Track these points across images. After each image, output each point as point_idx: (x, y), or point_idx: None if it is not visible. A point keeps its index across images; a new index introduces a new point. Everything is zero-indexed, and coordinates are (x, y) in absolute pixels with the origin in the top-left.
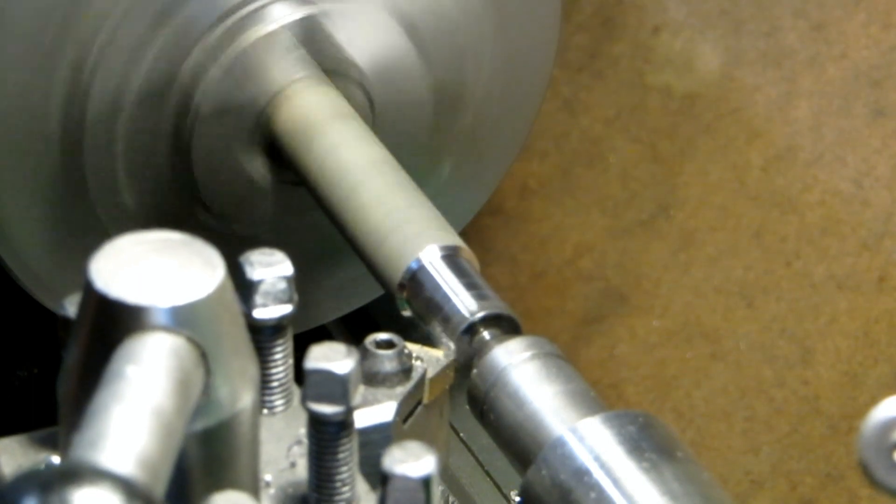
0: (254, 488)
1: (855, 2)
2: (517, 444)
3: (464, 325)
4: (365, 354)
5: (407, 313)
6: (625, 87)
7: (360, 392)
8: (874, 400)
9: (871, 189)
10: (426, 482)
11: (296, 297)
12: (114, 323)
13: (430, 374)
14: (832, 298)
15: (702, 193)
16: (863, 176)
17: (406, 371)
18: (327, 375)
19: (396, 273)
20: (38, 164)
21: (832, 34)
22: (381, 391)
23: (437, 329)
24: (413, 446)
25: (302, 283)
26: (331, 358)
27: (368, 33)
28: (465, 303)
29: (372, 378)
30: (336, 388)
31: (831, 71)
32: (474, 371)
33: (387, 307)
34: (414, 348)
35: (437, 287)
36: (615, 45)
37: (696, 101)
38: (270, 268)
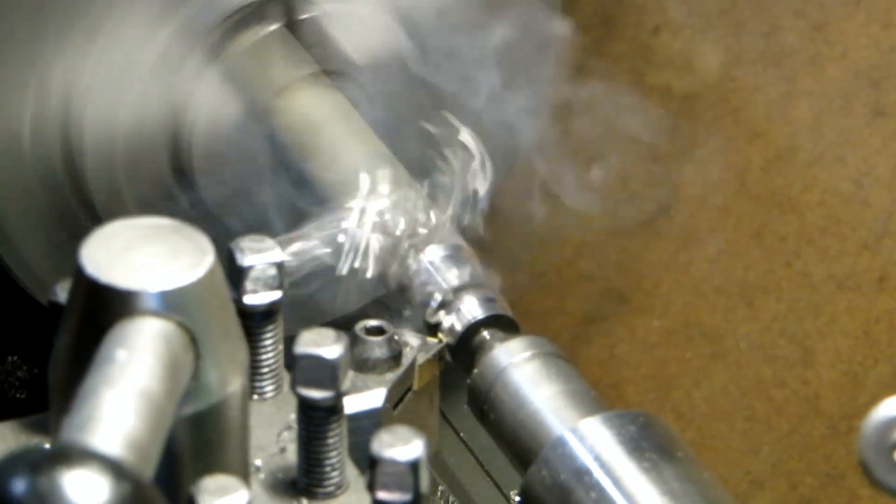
0: (243, 473)
1: (855, 2)
2: (517, 443)
3: (464, 326)
4: (355, 341)
5: (408, 313)
6: (625, 87)
7: (349, 377)
8: (874, 400)
9: (871, 189)
10: (414, 466)
11: (286, 283)
12: (104, 308)
13: (419, 360)
14: (832, 298)
15: (702, 193)
16: (863, 176)
17: (396, 357)
18: (316, 360)
19: (398, 272)
20: (39, 172)
21: (832, 34)
22: (370, 377)
23: (436, 329)
24: (402, 430)
25: (303, 284)
26: (320, 343)
27: (368, 33)
28: (465, 303)
29: (362, 364)
30: (325, 373)
31: (831, 71)
32: (475, 371)
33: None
34: (404, 335)
35: (439, 286)
36: (615, 45)
37: (696, 101)
38: (260, 254)
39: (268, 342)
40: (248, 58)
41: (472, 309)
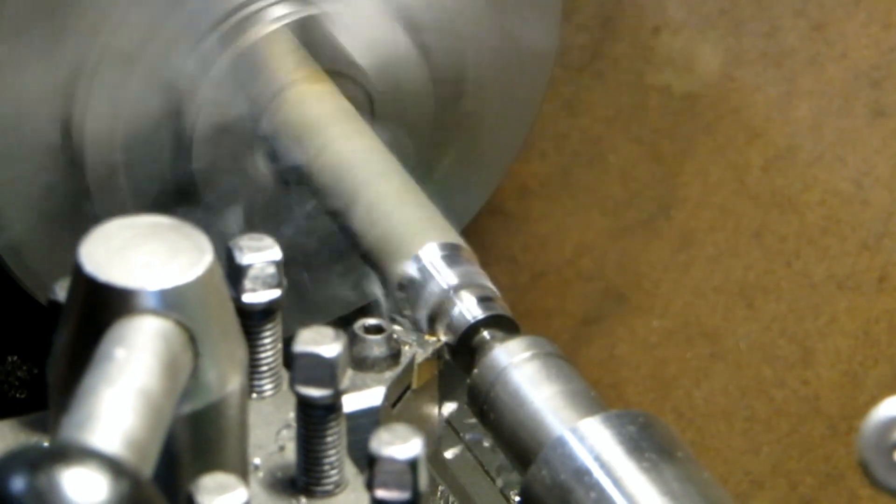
0: (242, 471)
1: (855, 2)
2: (517, 443)
3: (464, 326)
4: (354, 339)
5: (407, 312)
6: (625, 87)
7: (348, 376)
8: (874, 400)
9: (871, 189)
10: (413, 464)
11: (284, 281)
12: (103, 306)
13: (418, 359)
14: (832, 298)
15: (702, 193)
16: (863, 176)
17: (395, 356)
18: (315, 359)
19: (396, 272)
20: (39, 168)
21: (832, 34)
22: (369, 376)
23: (436, 329)
24: (400, 429)
25: (302, 284)
26: (319, 342)
27: (369, 33)
28: (465, 303)
29: (361, 363)
30: (324, 371)
31: (831, 71)
32: (475, 371)
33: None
34: (403, 334)
35: (438, 286)
36: (615, 45)
37: (696, 101)
38: (259, 253)
39: (267, 341)
40: (249, 57)
41: (471, 309)
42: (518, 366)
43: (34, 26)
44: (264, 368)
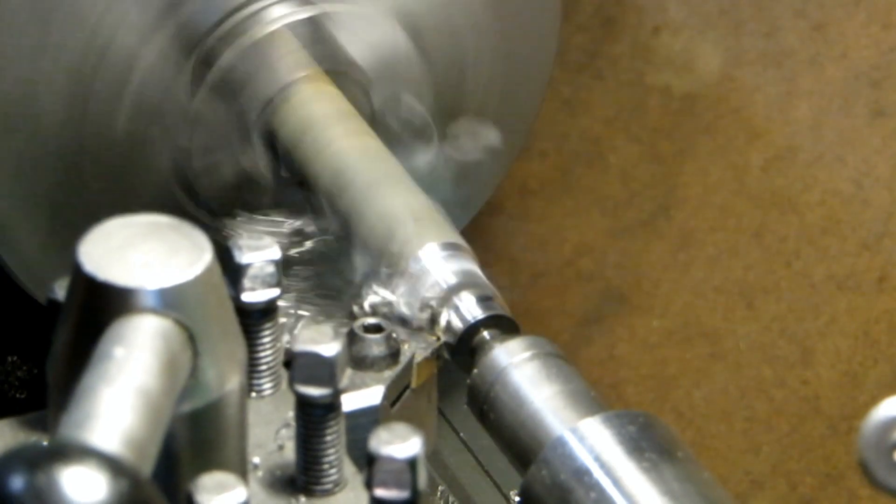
0: (241, 470)
1: (855, 2)
2: (517, 444)
3: (464, 326)
4: (353, 338)
5: (406, 312)
6: (625, 88)
7: (347, 375)
8: (874, 400)
9: (871, 189)
10: (412, 463)
11: (284, 281)
12: (102, 305)
13: (417, 358)
14: (832, 298)
15: (702, 193)
16: (863, 176)
17: (394, 355)
18: (315, 358)
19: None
20: (39, 167)
21: (832, 34)
22: (368, 375)
23: (436, 328)
24: (399, 428)
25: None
26: (318, 341)
27: (369, 33)
28: (464, 302)
29: (360, 362)
30: (323, 370)
31: (831, 71)
32: (474, 371)
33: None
34: (402, 333)
35: (438, 286)
36: (615, 46)
37: (696, 101)
38: (259, 252)
39: (266, 340)
40: (250, 57)
41: (471, 309)
42: (518, 366)
43: (35, 26)
44: (263, 367)
